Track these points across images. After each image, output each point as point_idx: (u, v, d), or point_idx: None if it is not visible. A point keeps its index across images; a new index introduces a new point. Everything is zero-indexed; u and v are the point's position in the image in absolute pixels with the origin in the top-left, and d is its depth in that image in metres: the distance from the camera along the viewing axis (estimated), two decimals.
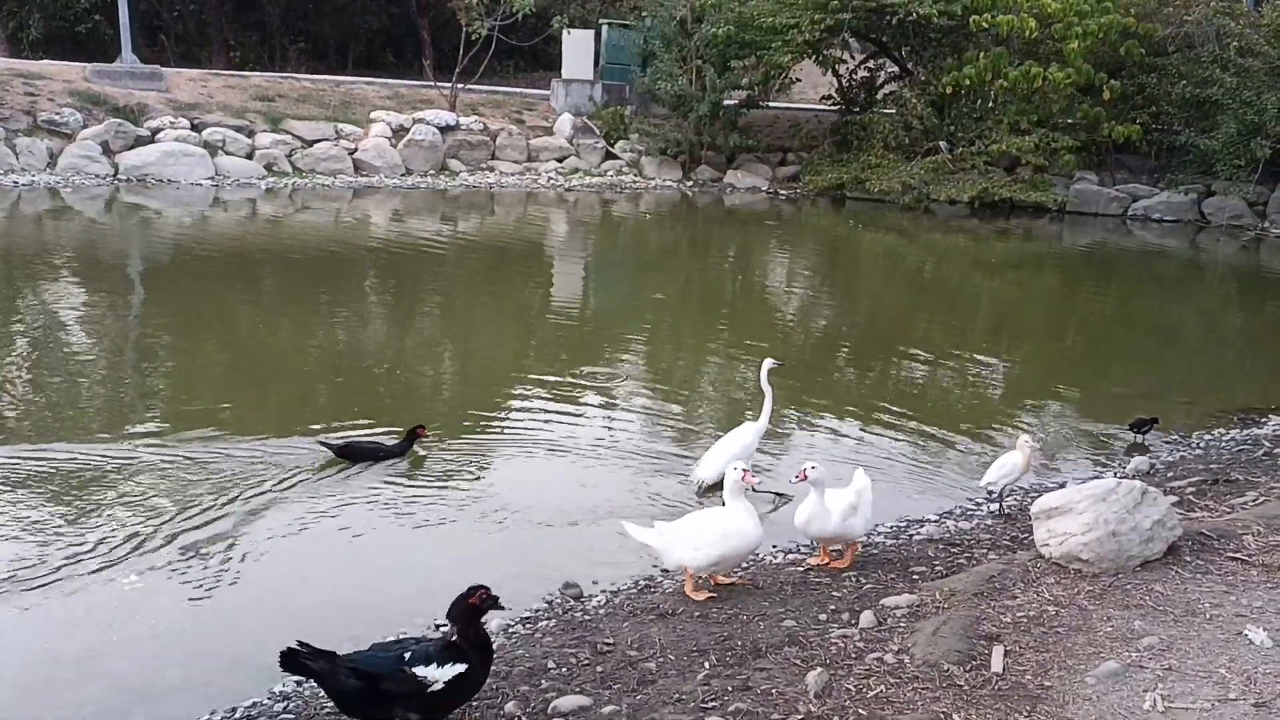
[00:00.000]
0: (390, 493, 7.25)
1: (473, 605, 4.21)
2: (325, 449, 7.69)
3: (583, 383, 10.21)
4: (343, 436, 8.09)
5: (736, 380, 10.95)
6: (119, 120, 21.91)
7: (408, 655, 4.09)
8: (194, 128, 22.66)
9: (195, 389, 9.38)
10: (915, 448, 8.77)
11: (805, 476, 5.79)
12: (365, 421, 8.55)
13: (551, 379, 10.22)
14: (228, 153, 22.70)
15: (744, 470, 5.58)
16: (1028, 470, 7.18)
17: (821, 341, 13.27)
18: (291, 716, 4.52)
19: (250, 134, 23.29)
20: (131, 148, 21.77)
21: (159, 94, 23.50)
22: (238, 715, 4.61)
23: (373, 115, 24.98)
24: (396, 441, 7.92)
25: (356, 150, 24.01)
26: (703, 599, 5.57)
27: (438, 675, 4.05)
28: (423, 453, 7.94)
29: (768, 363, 8.01)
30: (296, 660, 3.99)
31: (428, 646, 4.15)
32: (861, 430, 9.12)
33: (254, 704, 4.70)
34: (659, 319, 13.76)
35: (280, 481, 7.27)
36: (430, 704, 4.09)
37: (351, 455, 7.72)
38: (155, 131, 22.22)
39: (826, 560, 6.12)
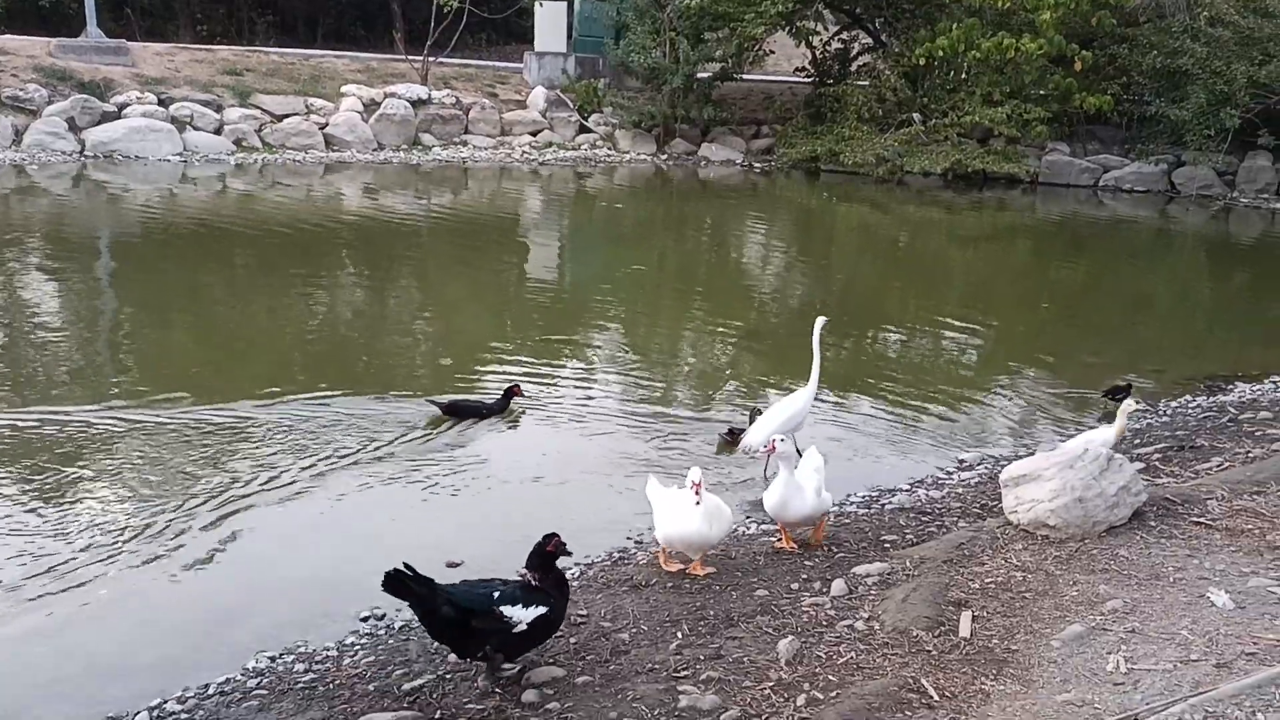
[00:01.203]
0: (361, 468, 7.23)
1: (549, 551, 4.53)
2: (433, 406, 8.21)
3: (560, 353, 10.21)
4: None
5: (713, 350, 10.99)
6: (85, 96, 21.57)
7: (496, 595, 4.28)
8: (161, 103, 22.35)
9: (168, 364, 9.32)
10: (888, 417, 8.84)
11: (774, 448, 5.74)
12: (338, 391, 8.52)
13: (529, 350, 10.22)
14: (196, 128, 22.41)
15: (695, 484, 5.33)
16: (1119, 440, 6.80)
17: (797, 313, 13.31)
18: (265, 692, 4.53)
19: (218, 109, 22.99)
20: (98, 123, 21.45)
21: (125, 69, 23.15)
22: (210, 691, 4.62)
23: (343, 89, 24.71)
24: (495, 400, 8.42)
25: (327, 125, 23.75)
26: (674, 570, 5.61)
27: (522, 616, 4.27)
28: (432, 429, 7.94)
29: (820, 320, 7.73)
30: (399, 582, 4.12)
31: (514, 589, 4.35)
32: (837, 400, 9.17)
33: (227, 679, 4.70)
34: (635, 292, 13.75)
35: (231, 466, 7.25)
36: (513, 643, 4.33)
37: (458, 413, 8.20)
38: (122, 107, 21.89)
39: (792, 545, 5.93)
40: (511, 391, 8.47)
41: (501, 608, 4.24)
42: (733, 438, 7.88)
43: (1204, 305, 14.66)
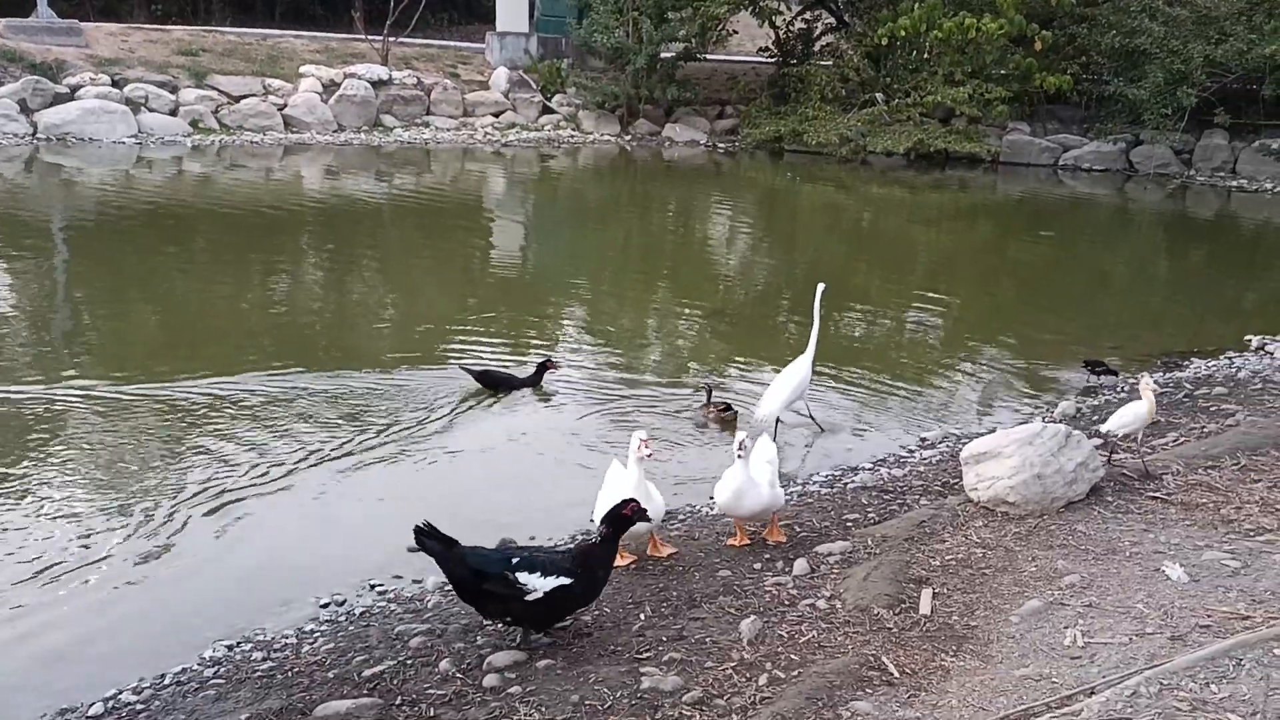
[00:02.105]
0: (322, 450, 7.14)
1: (625, 515, 4.55)
2: (466, 374, 8.31)
3: (525, 335, 10.15)
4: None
5: (677, 329, 10.98)
6: (36, 77, 21.14)
7: (514, 560, 4.27)
8: (115, 84, 21.96)
9: (120, 347, 9.16)
10: (852, 396, 8.86)
11: (743, 449, 5.38)
12: (296, 372, 8.41)
13: (492, 332, 10.15)
14: (151, 109, 22.05)
15: (642, 440, 5.28)
16: (1150, 419, 6.40)
17: (761, 293, 13.34)
18: (222, 681, 4.47)
19: (174, 90, 22.63)
20: (50, 105, 21.05)
21: (78, 49, 22.69)
22: (166, 681, 4.55)
23: (302, 70, 24.38)
24: (530, 374, 8.41)
25: (286, 106, 23.45)
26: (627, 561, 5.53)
27: (538, 585, 4.23)
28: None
29: (820, 287, 7.91)
30: (423, 539, 4.25)
31: (535, 556, 4.34)
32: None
33: (183, 669, 4.64)
34: (600, 273, 13.71)
35: (186, 452, 7.15)
36: (527, 612, 4.31)
37: (492, 384, 8.28)
38: (75, 88, 21.49)
39: (746, 541, 5.65)
40: (545, 365, 8.36)
41: (516, 574, 4.24)
42: (708, 401, 7.95)
43: (1161, 283, 14.83)
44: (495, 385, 8.35)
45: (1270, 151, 22.75)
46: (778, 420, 7.77)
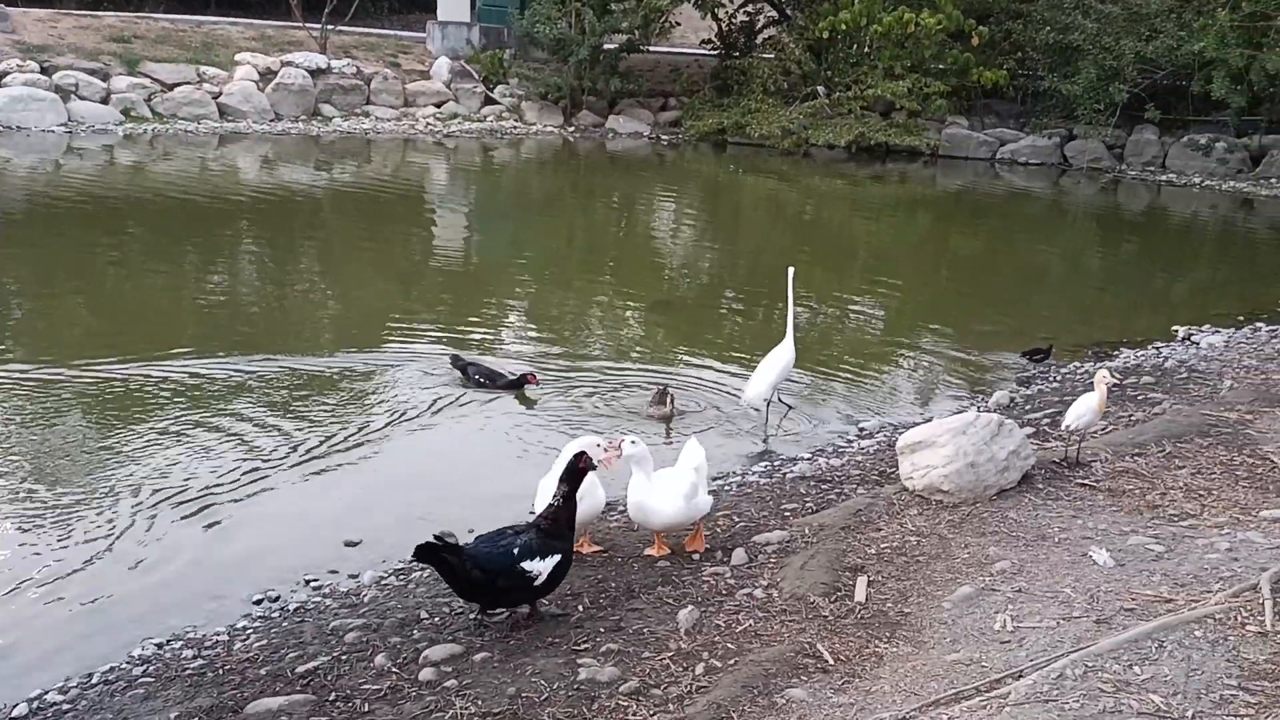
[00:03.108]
0: (252, 442, 7.03)
1: (580, 468, 4.71)
2: (453, 366, 8.38)
3: (467, 328, 10.07)
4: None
5: (621, 320, 10.97)
6: None
7: (516, 551, 4.46)
8: (44, 71, 21.34)
9: (45, 339, 8.94)
10: (791, 388, 8.92)
11: (619, 452, 5.12)
12: (225, 360, 8.27)
13: (434, 326, 10.06)
14: (81, 97, 21.47)
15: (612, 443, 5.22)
16: (1103, 410, 6.33)
17: (705, 285, 13.39)
18: (151, 680, 4.39)
19: (105, 77, 22.06)
20: None
21: (4, 35, 22.03)
22: (94, 681, 4.46)
23: (237, 57, 23.91)
24: (510, 379, 8.30)
25: (221, 94, 22.97)
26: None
27: (541, 568, 4.48)
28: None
29: (790, 271, 8.18)
30: (432, 553, 4.31)
31: (530, 541, 4.52)
32: (743, 371, 9.22)
33: (111, 668, 4.55)
34: (543, 265, 13.65)
35: (112, 442, 7.00)
36: (536, 594, 4.57)
37: (468, 376, 8.26)
38: (1, 75, 20.84)
39: (665, 550, 5.34)
40: (525, 379, 8.27)
41: (523, 564, 4.44)
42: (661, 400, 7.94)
43: (1093, 275, 15.15)
44: (469, 377, 8.30)
45: (1198, 147, 23.33)
46: (767, 403, 7.98)
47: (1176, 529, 5.13)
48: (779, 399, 8.25)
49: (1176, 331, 10.72)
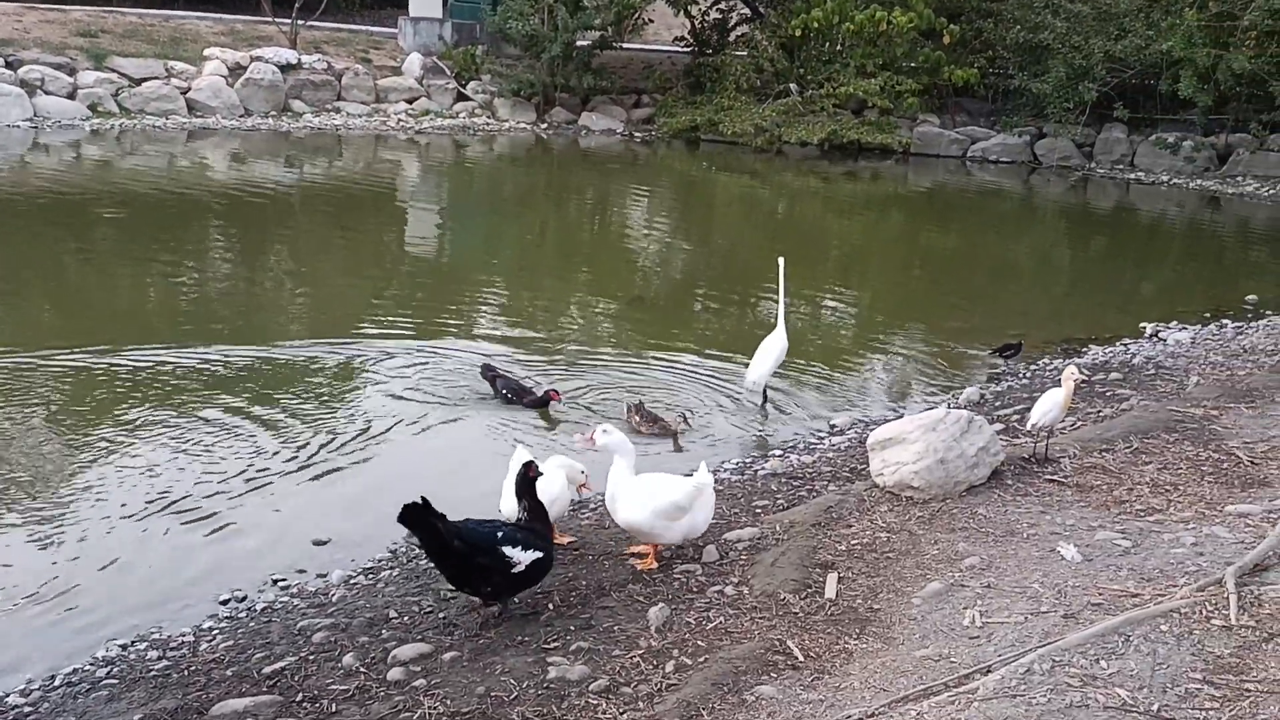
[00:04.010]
0: (219, 439, 6.96)
1: (530, 477, 4.80)
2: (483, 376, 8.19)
3: (442, 326, 10.00)
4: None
5: (595, 317, 10.94)
6: None
7: (500, 534, 4.50)
8: (8, 65, 21.08)
9: (7, 331, 8.81)
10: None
11: (593, 440, 5.11)
12: (192, 353, 8.18)
13: (404, 324, 9.98)
14: (47, 92, 21.21)
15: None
16: (1068, 406, 6.34)
17: (679, 282, 13.38)
18: (115, 681, 4.33)
19: (72, 72, 21.80)
20: None
21: None
22: (57, 683, 4.39)
23: (206, 52, 23.68)
24: (536, 397, 8.00)
25: (190, 89, 22.75)
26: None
27: (522, 558, 4.50)
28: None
29: (780, 260, 8.44)
30: (417, 514, 4.30)
31: (514, 531, 4.58)
32: (716, 367, 9.23)
33: (74, 670, 4.48)
34: (517, 262, 13.60)
35: (75, 436, 6.91)
36: (511, 583, 4.55)
37: (495, 389, 8.05)
38: None
39: (653, 565, 5.17)
40: (549, 396, 8.00)
41: (504, 547, 4.46)
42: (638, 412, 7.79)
43: (1063, 272, 15.27)
44: (496, 388, 8.06)
45: (1166, 145, 23.56)
46: (765, 389, 8.34)
47: (1143, 524, 5.17)
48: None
49: (1144, 328, 10.82)
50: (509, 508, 5.14)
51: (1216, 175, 23.00)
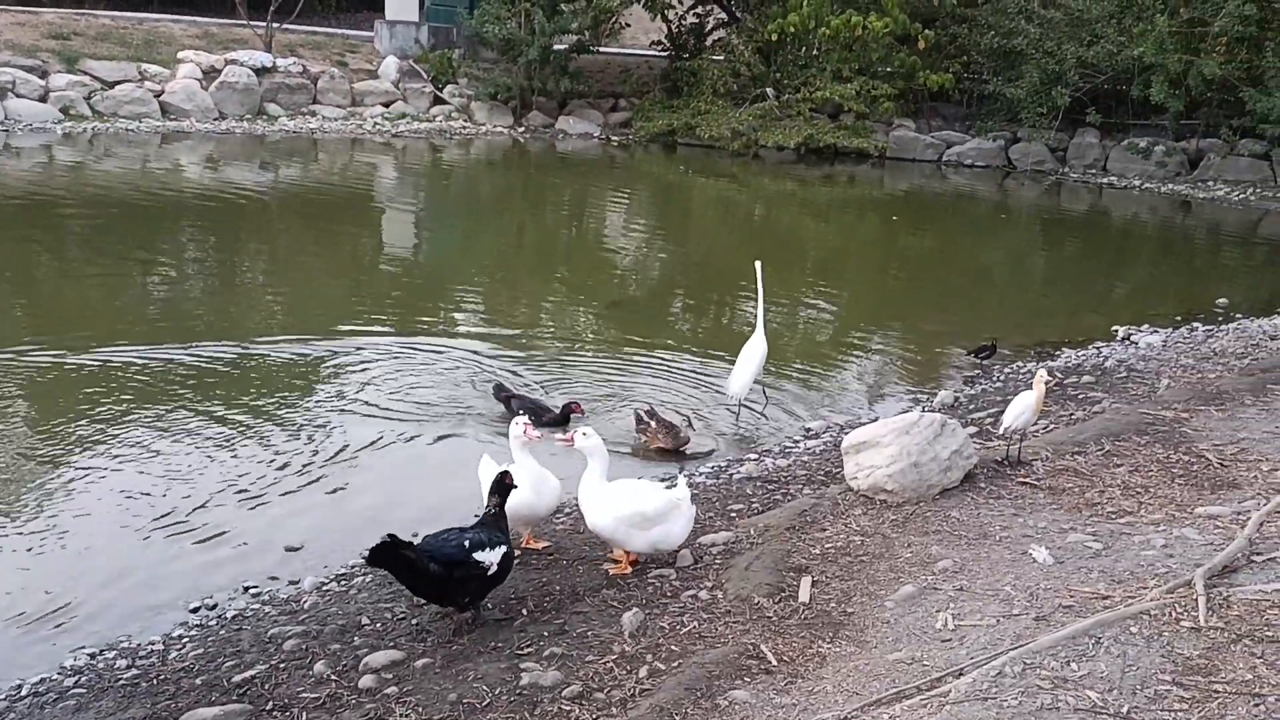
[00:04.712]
0: (190, 443, 6.89)
1: (507, 484, 4.85)
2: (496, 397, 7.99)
3: (416, 329, 9.95)
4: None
5: (573, 321, 10.93)
6: None
7: (467, 544, 4.52)
8: None
9: None
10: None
11: (572, 441, 5.15)
12: (163, 357, 8.11)
13: (383, 327, 9.93)
14: (18, 95, 20.97)
15: (525, 424, 5.26)
16: (1040, 409, 6.33)
17: (657, 286, 13.38)
18: (83, 691, 4.28)
19: (43, 75, 21.57)
20: None
21: None
22: (23, 692, 4.34)
23: (180, 55, 23.48)
24: (555, 415, 7.72)
25: (163, 92, 22.56)
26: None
27: (491, 559, 4.55)
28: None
29: (758, 264, 8.51)
30: (389, 552, 4.30)
31: (478, 534, 4.61)
32: (692, 371, 9.23)
33: (42, 679, 4.43)
34: (494, 266, 13.56)
35: (42, 442, 6.84)
36: (486, 586, 4.60)
37: (510, 409, 7.66)
38: None
39: (627, 569, 5.18)
40: (570, 409, 7.80)
41: (475, 555, 4.50)
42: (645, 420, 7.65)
43: (1036, 276, 15.37)
44: (511, 408, 7.68)
45: (1138, 150, 23.77)
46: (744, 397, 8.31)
47: (1114, 526, 5.21)
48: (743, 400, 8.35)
49: (1117, 331, 10.91)
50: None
51: (1188, 180, 23.21)
